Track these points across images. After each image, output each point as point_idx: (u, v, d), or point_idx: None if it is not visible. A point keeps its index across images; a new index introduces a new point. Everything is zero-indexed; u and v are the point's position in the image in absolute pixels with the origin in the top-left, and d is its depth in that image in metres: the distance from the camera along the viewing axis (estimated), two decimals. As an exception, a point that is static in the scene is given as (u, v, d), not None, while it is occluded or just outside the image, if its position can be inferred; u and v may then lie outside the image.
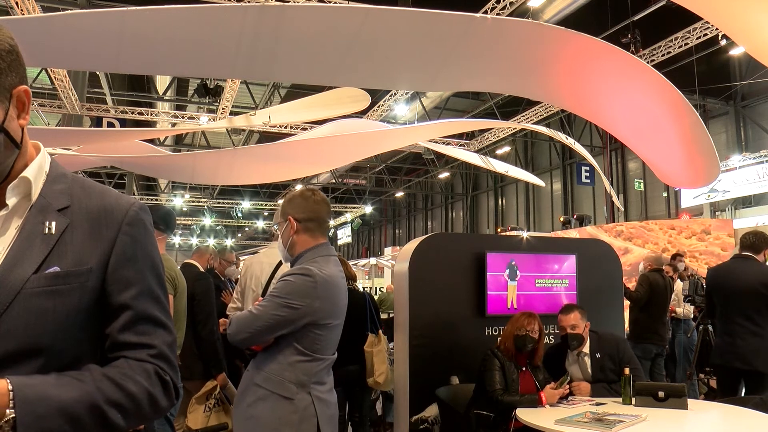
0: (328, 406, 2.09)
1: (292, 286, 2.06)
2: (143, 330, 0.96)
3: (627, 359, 3.36)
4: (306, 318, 2.03)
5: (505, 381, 3.19)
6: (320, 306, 2.05)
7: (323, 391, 2.09)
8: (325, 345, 2.11)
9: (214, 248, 5.19)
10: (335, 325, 2.15)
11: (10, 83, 0.90)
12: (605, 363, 3.37)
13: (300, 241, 2.19)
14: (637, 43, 11.43)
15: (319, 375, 2.09)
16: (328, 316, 2.09)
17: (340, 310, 2.18)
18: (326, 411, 2.08)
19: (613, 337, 3.55)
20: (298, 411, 2.00)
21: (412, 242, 4.17)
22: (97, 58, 5.10)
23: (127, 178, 18.83)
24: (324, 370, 2.12)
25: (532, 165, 22.13)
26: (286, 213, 2.21)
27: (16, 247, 0.89)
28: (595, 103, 6.29)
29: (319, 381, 2.08)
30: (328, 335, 2.11)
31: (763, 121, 14.96)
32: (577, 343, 3.41)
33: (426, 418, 3.63)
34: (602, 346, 3.43)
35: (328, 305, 2.08)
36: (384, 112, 14.63)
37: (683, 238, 11.08)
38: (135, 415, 0.92)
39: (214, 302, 3.73)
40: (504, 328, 3.45)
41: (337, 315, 2.15)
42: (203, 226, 31.99)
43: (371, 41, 4.93)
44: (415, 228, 31.92)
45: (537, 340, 3.30)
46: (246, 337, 2.07)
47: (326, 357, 2.12)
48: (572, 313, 3.44)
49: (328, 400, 2.10)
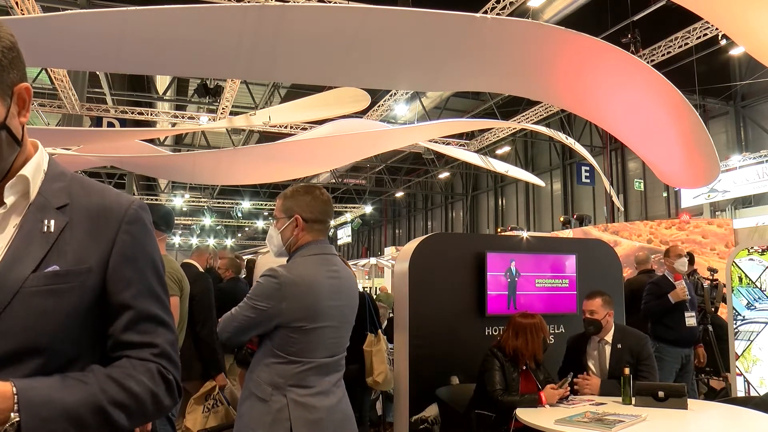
0: (309, 410, 1.98)
1: (259, 288, 2.05)
2: (145, 329, 0.96)
3: (645, 356, 3.39)
4: (274, 320, 2.01)
5: (505, 381, 3.19)
6: (287, 307, 1.99)
7: (304, 394, 1.99)
8: (305, 347, 2.01)
9: (214, 248, 5.19)
10: (314, 329, 2.02)
11: (12, 80, 0.90)
12: (624, 355, 3.39)
13: (300, 239, 2.14)
14: (637, 43, 11.43)
15: (300, 378, 2.00)
16: (300, 318, 2.00)
17: (319, 313, 2.04)
18: (305, 415, 1.97)
19: (637, 334, 3.57)
20: (271, 413, 1.97)
21: (412, 242, 4.17)
22: (97, 58, 5.10)
23: (127, 178, 18.84)
24: (307, 373, 2.01)
25: (532, 165, 22.13)
26: (292, 210, 2.14)
27: (14, 246, 0.89)
28: (595, 103, 6.29)
29: (299, 384, 2.00)
30: (305, 338, 2.01)
31: (763, 121, 14.95)
32: (593, 328, 3.43)
33: (426, 418, 3.63)
34: (625, 339, 3.46)
35: (296, 307, 2.00)
36: (384, 112, 14.62)
37: (663, 228, 11.11)
38: (139, 415, 0.92)
39: (213, 302, 3.72)
40: (519, 339, 3.26)
41: (314, 318, 2.02)
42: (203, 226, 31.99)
43: (371, 41, 4.93)
44: (415, 228, 31.90)
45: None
46: (227, 336, 2.11)
47: (307, 360, 2.01)
48: (595, 299, 3.47)
49: (310, 404, 1.99)
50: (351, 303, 2.20)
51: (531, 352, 3.25)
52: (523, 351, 3.24)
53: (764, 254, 4.31)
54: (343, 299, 2.14)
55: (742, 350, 4.31)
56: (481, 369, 3.29)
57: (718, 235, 10.25)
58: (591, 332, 3.47)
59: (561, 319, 4.36)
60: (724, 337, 5.05)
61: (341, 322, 2.13)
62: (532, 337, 3.24)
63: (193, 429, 3.39)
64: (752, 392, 4.18)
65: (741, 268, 4.38)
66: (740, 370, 4.30)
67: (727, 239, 10.07)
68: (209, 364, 3.59)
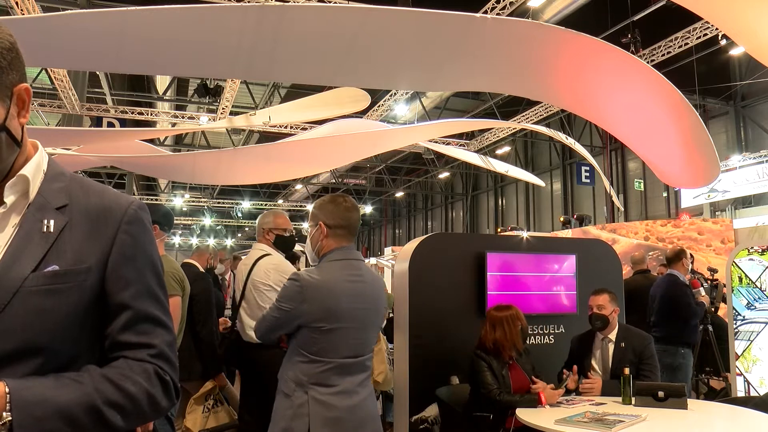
0: (328, 408, 2.10)
1: (283, 291, 2.24)
2: (143, 330, 0.96)
3: (647, 356, 3.40)
4: (297, 320, 2.16)
5: (496, 379, 3.20)
6: (308, 309, 2.14)
7: (326, 393, 2.11)
8: (327, 347, 2.14)
9: (214, 248, 5.20)
10: (334, 329, 2.14)
11: (11, 81, 0.90)
12: (627, 354, 3.40)
13: (326, 244, 2.29)
14: (637, 43, 11.43)
15: (322, 377, 2.12)
16: (320, 319, 2.13)
17: (338, 315, 2.16)
18: (323, 412, 2.09)
19: (641, 333, 3.59)
20: (293, 408, 2.10)
21: (412, 242, 4.17)
22: (97, 58, 5.10)
23: (127, 178, 18.83)
24: (329, 372, 2.13)
25: (532, 165, 22.12)
26: (317, 218, 2.31)
27: (14, 246, 0.89)
28: (595, 103, 6.29)
29: (320, 382, 2.12)
30: (326, 338, 2.14)
31: (763, 121, 14.95)
32: (600, 323, 3.44)
33: (426, 418, 3.63)
34: (629, 338, 3.47)
35: (316, 309, 2.14)
36: (384, 112, 14.62)
37: (659, 225, 11.12)
38: (134, 416, 0.91)
39: (213, 302, 3.73)
40: (497, 331, 3.30)
41: (334, 319, 2.14)
42: (203, 226, 31.98)
43: (371, 41, 4.93)
44: (415, 228, 31.90)
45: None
46: (260, 335, 2.33)
47: (328, 360, 2.13)
48: (602, 295, 3.49)
49: (329, 403, 2.11)
50: (375, 306, 2.32)
51: (510, 342, 3.28)
52: (502, 342, 3.27)
53: (764, 254, 4.31)
54: (367, 302, 2.27)
55: (742, 350, 4.31)
56: (470, 373, 3.31)
57: (714, 231, 10.25)
58: (598, 327, 3.47)
59: (561, 319, 4.36)
60: (724, 337, 5.05)
61: (364, 324, 2.24)
62: (509, 327, 3.29)
63: (193, 429, 3.39)
64: (752, 392, 4.18)
65: (741, 268, 4.38)
66: (740, 370, 4.30)
67: (723, 235, 10.06)
68: (209, 364, 3.58)
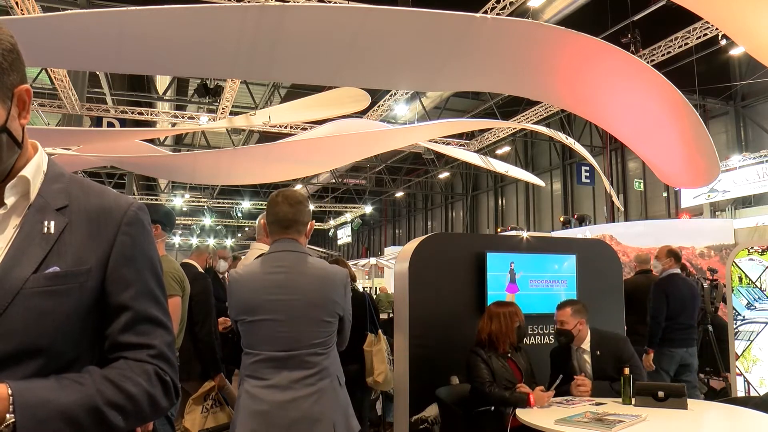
0: (255, 401, 2.08)
1: None
2: (143, 330, 0.96)
3: (627, 357, 3.37)
4: (231, 315, 2.28)
5: (492, 373, 3.21)
6: (233, 303, 2.24)
7: (256, 385, 2.10)
8: (251, 340, 2.16)
9: (215, 248, 5.19)
10: (255, 321, 2.14)
11: (12, 82, 0.90)
12: (606, 361, 3.37)
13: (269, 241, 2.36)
14: (637, 43, 11.43)
15: (253, 369, 2.13)
16: (241, 312, 2.19)
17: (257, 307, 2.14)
18: (251, 405, 2.08)
19: (613, 336, 3.56)
20: (239, 399, 2.17)
21: (412, 242, 4.17)
22: (97, 58, 5.10)
23: (127, 178, 18.83)
24: (260, 365, 2.11)
25: (532, 165, 22.12)
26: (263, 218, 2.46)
27: (15, 247, 0.89)
28: (595, 103, 6.29)
29: (253, 375, 2.13)
30: (250, 330, 2.16)
31: (763, 121, 14.95)
32: (564, 339, 3.44)
33: (426, 418, 3.63)
34: (603, 344, 3.44)
35: (236, 302, 2.22)
36: (384, 112, 14.62)
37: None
38: (135, 416, 0.92)
39: (212, 302, 3.72)
40: (493, 323, 3.35)
41: (253, 311, 2.14)
42: (203, 226, 31.97)
43: (371, 41, 4.92)
44: (415, 228, 31.89)
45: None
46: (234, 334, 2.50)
47: (256, 352, 2.13)
48: (564, 309, 3.46)
49: (257, 396, 2.08)
50: (306, 297, 2.16)
51: (505, 335, 3.30)
52: (497, 335, 3.30)
53: (764, 254, 4.31)
54: (292, 293, 2.14)
55: (742, 350, 4.30)
56: (466, 369, 3.34)
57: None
58: (563, 342, 3.45)
59: (561, 319, 4.35)
60: (724, 337, 5.05)
61: (291, 316, 2.13)
62: (506, 321, 3.32)
63: (192, 429, 3.39)
64: (752, 392, 4.18)
65: (741, 268, 4.38)
66: (740, 370, 4.30)
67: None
68: (208, 364, 3.58)
